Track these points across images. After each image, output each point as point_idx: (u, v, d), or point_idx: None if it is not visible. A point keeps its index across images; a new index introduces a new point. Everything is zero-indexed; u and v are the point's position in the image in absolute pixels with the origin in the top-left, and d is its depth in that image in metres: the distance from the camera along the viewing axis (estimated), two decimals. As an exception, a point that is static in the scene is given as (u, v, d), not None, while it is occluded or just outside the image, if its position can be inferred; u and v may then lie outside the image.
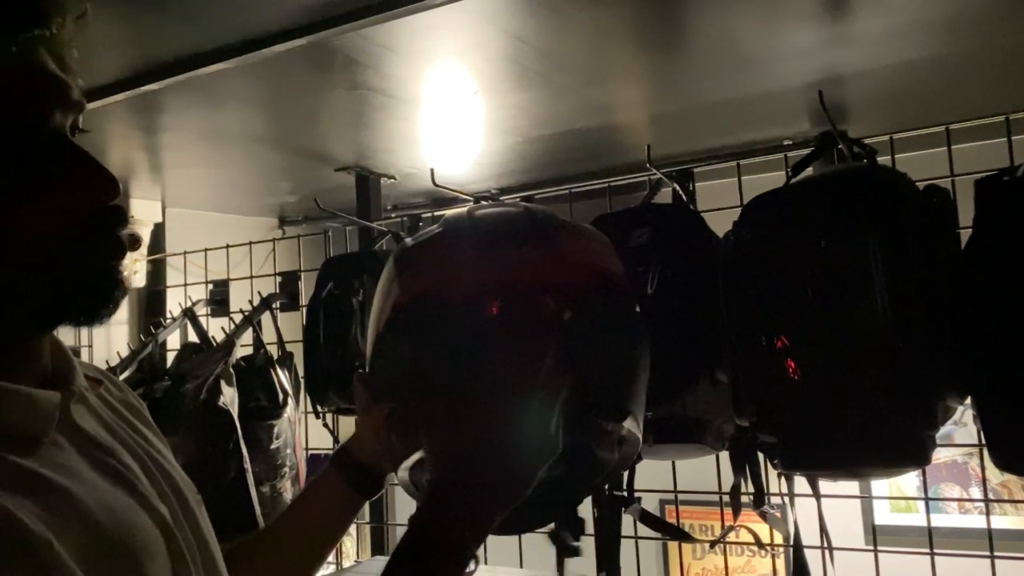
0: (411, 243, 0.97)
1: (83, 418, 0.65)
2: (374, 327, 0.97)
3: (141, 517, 0.62)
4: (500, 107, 1.52)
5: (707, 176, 1.76)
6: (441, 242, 0.94)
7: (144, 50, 1.24)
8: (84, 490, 0.58)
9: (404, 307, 0.90)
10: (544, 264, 0.90)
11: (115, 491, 0.62)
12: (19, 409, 0.58)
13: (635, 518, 1.45)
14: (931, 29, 1.23)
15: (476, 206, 1.01)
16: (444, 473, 0.79)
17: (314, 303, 1.84)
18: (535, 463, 0.79)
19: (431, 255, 0.93)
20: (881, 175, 1.24)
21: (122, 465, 0.65)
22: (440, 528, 0.75)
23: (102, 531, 0.57)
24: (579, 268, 0.92)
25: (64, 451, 0.61)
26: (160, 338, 2.11)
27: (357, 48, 1.19)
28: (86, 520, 0.56)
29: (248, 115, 1.59)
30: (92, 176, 0.60)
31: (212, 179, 2.14)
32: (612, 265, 0.96)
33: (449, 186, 1.85)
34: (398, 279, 0.93)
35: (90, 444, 0.64)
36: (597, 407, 0.88)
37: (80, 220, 0.59)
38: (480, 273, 0.89)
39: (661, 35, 1.25)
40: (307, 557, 0.96)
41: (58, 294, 0.59)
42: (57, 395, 0.62)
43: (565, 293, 0.88)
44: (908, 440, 1.11)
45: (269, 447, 1.85)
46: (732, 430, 1.30)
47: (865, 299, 1.11)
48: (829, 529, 1.31)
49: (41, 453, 0.58)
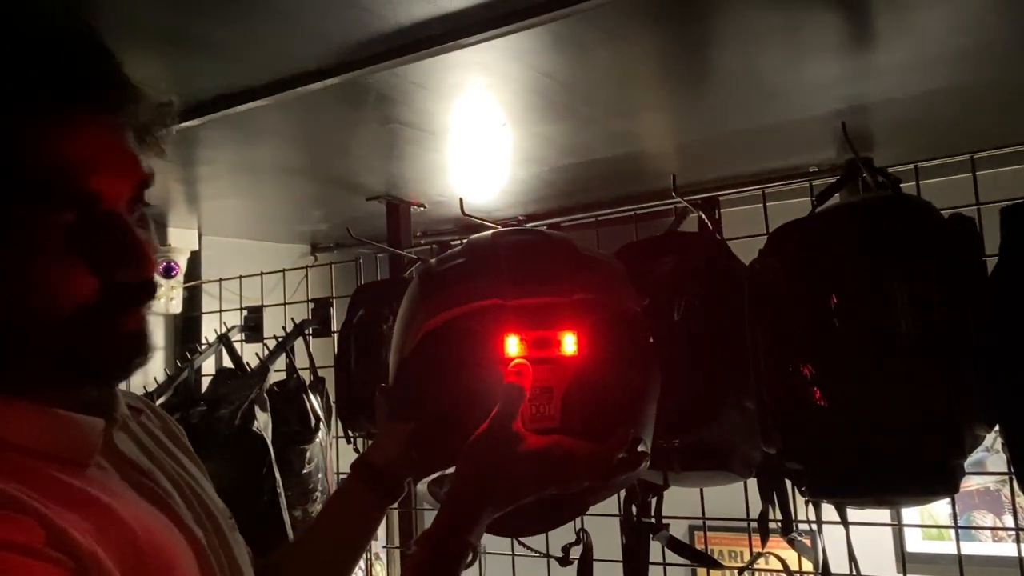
0: (437, 266, 1.00)
1: (124, 444, 0.70)
2: (399, 347, 1.00)
3: (177, 537, 0.66)
4: (527, 138, 1.55)
5: (732, 203, 1.77)
6: (466, 268, 0.97)
7: (184, 88, 1.28)
8: (126, 510, 0.62)
9: (430, 332, 0.94)
10: (561, 296, 0.93)
11: (153, 512, 0.66)
12: (67, 433, 0.63)
13: (663, 544, 1.45)
14: (954, 59, 1.24)
15: (499, 232, 1.04)
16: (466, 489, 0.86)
17: (345, 329, 1.87)
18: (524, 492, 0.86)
19: (456, 281, 0.96)
20: (906, 204, 1.24)
21: (160, 488, 0.69)
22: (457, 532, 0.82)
23: (141, 548, 0.60)
24: (594, 301, 0.95)
25: (107, 473, 0.65)
26: (196, 364, 2.15)
27: (389, 85, 1.23)
28: (127, 537, 0.60)
29: (282, 148, 1.63)
30: (127, 253, 0.64)
31: (246, 209, 2.19)
32: (626, 296, 0.99)
33: (477, 214, 1.88)
34: (424, 303, 0.96)
35: (131, 468, 0.68)
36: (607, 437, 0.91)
37: (105, 290, 0.62)
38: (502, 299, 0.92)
39: (685, 69, 1.27)
40: (335, 567, 0.99)
41: (75, 358, 0.63)
42: (101, 421, 0.66)
43: (580, 325, 0.92)
44: (935, 469, 1.11)
45: (301, 471, 1.87)
46: (759, 457, 1.31)
47: (890, 327, 1.11)
48: (860, 556, 1.30)
49: (87, 474, 0.62)
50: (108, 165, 0.63)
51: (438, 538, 0.81)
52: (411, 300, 1.00)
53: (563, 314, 0.92)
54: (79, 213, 0.61)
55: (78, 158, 0.60)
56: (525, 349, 0.90)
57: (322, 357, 2.12)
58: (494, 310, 0.92)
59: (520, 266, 0.94)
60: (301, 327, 2.10)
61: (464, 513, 0.83)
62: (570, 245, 1.00)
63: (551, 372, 0.91)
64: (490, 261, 0.96)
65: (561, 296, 0.93)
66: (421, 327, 0.95)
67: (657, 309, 1.32)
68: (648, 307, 1.30)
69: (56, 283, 0.60)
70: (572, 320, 0.92)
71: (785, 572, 1.43)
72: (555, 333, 0.92)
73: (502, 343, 0.91)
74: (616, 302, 0.98)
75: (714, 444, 1.30)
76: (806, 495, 1.23)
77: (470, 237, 1.05)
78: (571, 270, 0.95)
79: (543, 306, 0.92)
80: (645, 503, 1.43)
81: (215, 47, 1.12)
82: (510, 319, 0.91)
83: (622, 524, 1.47)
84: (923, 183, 1.53)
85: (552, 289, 0.94)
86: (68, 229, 0.60)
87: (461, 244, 1.05)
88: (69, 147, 0.60)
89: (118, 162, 0.64)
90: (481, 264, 0.96)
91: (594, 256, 1.01)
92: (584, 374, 0.92)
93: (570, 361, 0.92)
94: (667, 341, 1.28)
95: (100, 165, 0.62)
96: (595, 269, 0.98)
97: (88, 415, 0.65)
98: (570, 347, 0.92)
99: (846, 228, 1.22)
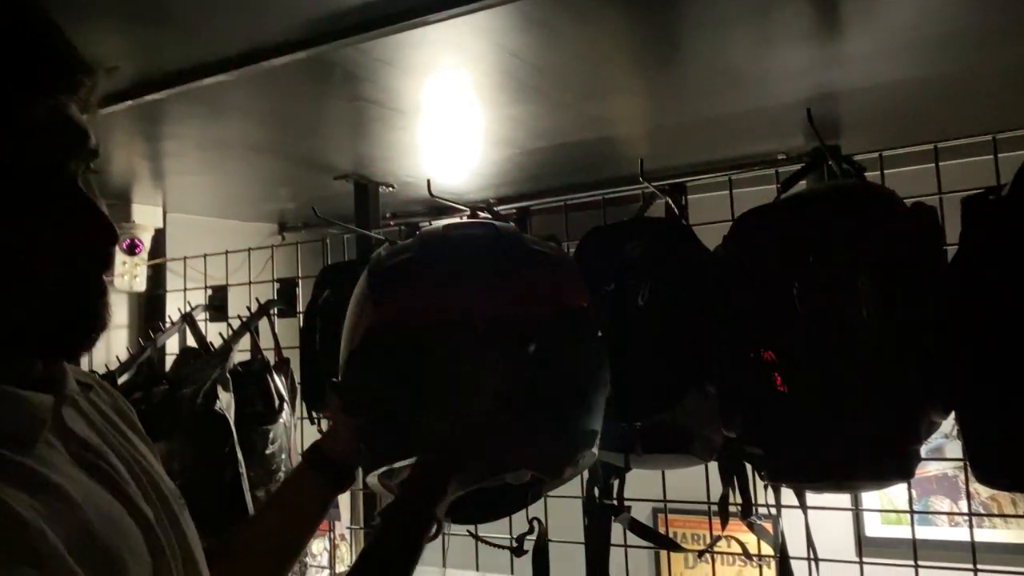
0: (385, 261, 1.00)
1: (73, 421, 0.69)
2: (347, 342, 1.00)
3: (125, 517, 0.66)
4: (496, 120, 1.54)
5: (699, 189, 1.78)
6: (413, 267, 0.96)
7: (147, 62, 1.26)
8: (74, 488, 0.61)
9: (375, 331, 0.94)
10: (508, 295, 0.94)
11: (102, 491, 0.66)
12: (14, 410, 0.61)
13: (625, 527, 1.46)
14: (921, 49, 1.25)
15: (449, 226, 1.04)
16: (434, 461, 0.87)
17: (311, 310, 1.85)
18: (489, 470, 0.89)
19: (403, 280, 0.96)
20: (869, 192, 1.26)
21: (109, 466, 0.69)
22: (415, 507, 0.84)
23: (89, 528, 0.60)
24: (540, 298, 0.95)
25: (55, 451, 0.64)
26: (159, 342, 2.12)
27: (355, 62, 1.21)
28: (75, 516, 0.59)
29: (248, 125, 1.61)
30: (94, 223, 0.63)
31: (212, 186, 2.15)
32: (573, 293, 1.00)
33: (446, 196, 1.87)
34: (371, 300, 0.96)
35: (79, 446, 0.67)
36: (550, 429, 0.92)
37: (73, 262, 0.62)
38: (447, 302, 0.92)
39: (654, 53, 1.27)
40: (285, 549, 1.00)
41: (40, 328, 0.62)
42: (50, 398, 0.65)
43: (526, 322, 0.92)
44: (892, 454, 1.13)
45: (265, 452, 1.86)
46: (720, 441, 1.32)
47: (851, 314, 1.13)
48: (821, 540, 1.32)
49: (35, 452, 0.61)
50: (66, 136, 0.62)
51: (403, 509, 0.82)
52: (359, 296, 1.00)
53: (510, 312, 0.93)
54: (40, 185, 0.60)
55: (38, 130, 0.60)
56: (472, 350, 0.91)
57: (287, 338, 2.10)
58: (440, 311, 0.92)
59: (469, 265, 0.95)
60: (266, 307, 2.09)
61: (430, 485, 0.84)
62: (519, 240, 1.00)
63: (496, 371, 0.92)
64: (439, 257, 0.96)
65: (510, 296, 0.94)
66: (367, 325, 0.95)
67: (622, 293, 1.33)
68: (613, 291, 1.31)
69: (20, 257, 0.59)
70: (519, 318, 0.93)
71: (744, 555, 1.45)
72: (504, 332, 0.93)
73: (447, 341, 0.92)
74: (564, 299, 0.98)
75: (676, 428, 1.31)
76: (766, 479, 1.24)
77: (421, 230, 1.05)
78: (519, 267, 0.96)
79: (491, 307, 0.93)
80: (607, 485, 1.44)
81: (179, 19, 1.10)
82: (456, 319, 0.92)
83: (584, 506, 1.48)
84: (888, 172, 1.55)
85: (500, 289, 0.94)
86: (31, 201, 0.60)
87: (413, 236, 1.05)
88: (28, 120, 0.59)
89: (74, 133, 0.63)
90: (430, 260, 0.96)
91: (542, 251, 1.01)
92: (531, 371, 0.94)
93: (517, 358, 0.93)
94: (631, 325, 1.29)
95: (59, 136, 0.61)
96: (543, 264, 0.98)
97: (36, 391, 0.64)
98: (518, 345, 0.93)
99: (810, 215, 1.23)
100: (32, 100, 0.60)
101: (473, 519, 1.08)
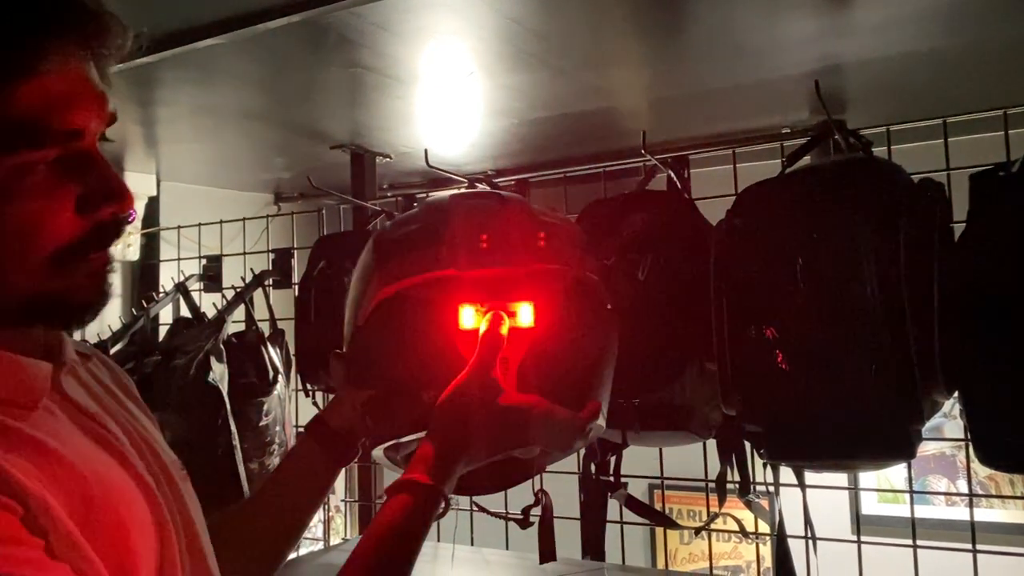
0: (391, 231, 0.98)
1: (73, 388, 0.69)
2: (352, 314, 0.98)
3: (128, 484, 0.65)
4: (496, 88, 1.51)
5: (702, 163, 1.75)
6: (421, 235, 0.95)
7: (136, 23, 1.22)
8: (75, 454, 0.61)
9: (384, 301, 0.92)
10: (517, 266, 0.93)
11: (103, 457, 0.65)
12: (14, 376, 0.62)
13: (621, 503, 1.45)
14: (930, 21, 1.22)
15: (456, 195, 1.02)
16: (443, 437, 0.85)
17: (306, 281, 1.84)
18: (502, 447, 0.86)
19: (411, 248, 0.94)
20: (876, 167, 1.23)
21: (110, 434, 0.68)
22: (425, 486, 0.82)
23: (91, 493, 0.59)
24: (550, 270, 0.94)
25: (56, 418, 0.64)
26: (152, 312, 2.10)
27: (350, 26, 1.18)
28: (76, 482, 0.59)
29: (242, 91, 1.58)
30: (111, 188, 0.64)
31: (207, 154, 2.12)
32: (584, 263, 0.98)
33: (444, 167, 1.84)
34: (378, 271, 0.94)
35: (79, 413, 0.67)
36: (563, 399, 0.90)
37: (86, 228, 0.62)
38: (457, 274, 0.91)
39: (658, 20, 1.24)
40: (289, 523, 0.99)
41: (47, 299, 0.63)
42: (49, 365, 0.65)
43: (536, 295, 0.91)
44: (894, 434, 1.11)
45: (258, 424, 1.85)
46: (719, 418, 1.30)
47: (855, 291, 1.11)
48: (816, 518, 1.31)
49: (34, 418, 0.61)
50: (85, 100, 0.62)
51: (412, 486, 0.80)
52: (365, 267, 0.99)
53: (519, 285, 0.92)
54: (61, 150, 0.60)
55: (57, 94, 0.59)
56: (480, 320, 0.90)
57: (282, 309, 2.08)
58: (449, 280, 0.91)
59: (476, 234, 0.93)
60: (261, 277, 2.06)
61: (439, 462, 0.82)
62: (528, 211, 0.98)
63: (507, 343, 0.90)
64: (446, 228, 0.94)
65: (517, 266, 0.92)
66: (375, 296, 0.94)
67: (623, 267, 1.31)
68: (613, 265, 1.29)
69: (38, 223, 0.60)
70: (528, 290, 0.92)
71: (741, 533, 1.44)
72: (511, 304, 0.91)
73: (457, 314, 0.90)
74: (573, 270, 0.97)
75: (674, 404, 1.29)
76: (764, 457, 1.23)
77: (427, 199, 1.03)
78: (528, 238, 0.94)
79: (499, 277, 0.92)
80: (604, 461, 1.43)
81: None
82: (465, 290, 0.91)
83: (581, 482, 1.47)
84: (895, 147, 1.52)
85: (508, 259, 0.93)
86: (51, 167, 0.60)
87: (417, 206, 1.03)
88: (48, 83, 0.59)
89: (93, 97, 0.63)
90: (437, 231, 0.94)
91: (551, 222, 0.99)
92: (540, 345, 0.92)
93: (526, 333, 0.91)
94: (631, 300, 1.27)
95: (78, 100, 0.61)
96: (552, 236, 0.96)
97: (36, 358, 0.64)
98: (526, 318, 0.92)
99: (814, 190, 1.21)
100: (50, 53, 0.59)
101: (475, 491, 1.06)
